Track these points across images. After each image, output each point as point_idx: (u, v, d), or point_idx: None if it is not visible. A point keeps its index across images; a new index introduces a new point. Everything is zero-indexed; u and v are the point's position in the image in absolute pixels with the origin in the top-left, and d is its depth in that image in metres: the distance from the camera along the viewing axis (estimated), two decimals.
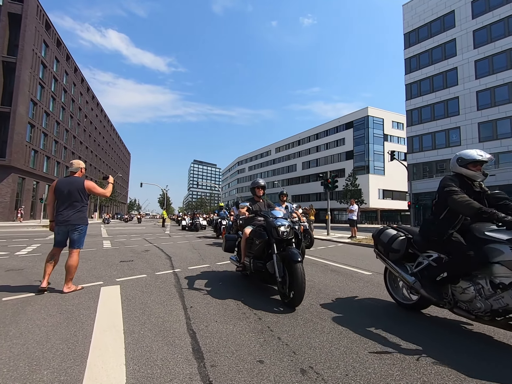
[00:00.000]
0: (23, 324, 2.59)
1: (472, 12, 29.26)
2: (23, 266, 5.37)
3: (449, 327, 2.69)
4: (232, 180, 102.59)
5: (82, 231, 3.78)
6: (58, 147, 39.97)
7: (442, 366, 1.98)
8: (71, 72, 44.21)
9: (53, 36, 37.89)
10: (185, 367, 1.91)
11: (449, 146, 30.11)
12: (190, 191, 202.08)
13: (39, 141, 34.05)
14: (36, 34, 32.51)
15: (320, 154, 60.49)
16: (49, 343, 2.23)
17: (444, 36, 31.51)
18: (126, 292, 3.68)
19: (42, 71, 34.80)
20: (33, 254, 7.03)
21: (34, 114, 32.76)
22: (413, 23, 34.71)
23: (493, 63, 27.39)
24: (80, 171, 3.95)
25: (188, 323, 2.67)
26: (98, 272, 4.96)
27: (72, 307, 3.06)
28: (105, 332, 2.43)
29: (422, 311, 3.12)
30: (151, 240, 11.31)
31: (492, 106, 27.14)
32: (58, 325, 2.57)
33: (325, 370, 1.91)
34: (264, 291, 3.83)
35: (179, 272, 5.06)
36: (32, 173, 32.82)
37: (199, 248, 8.73)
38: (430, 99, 32.13)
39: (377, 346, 2.25)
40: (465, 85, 29.14)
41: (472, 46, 28.97)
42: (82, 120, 49.07)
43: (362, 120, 51.67)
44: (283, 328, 2.58)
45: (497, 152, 26.30)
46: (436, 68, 31.89)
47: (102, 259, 6.30)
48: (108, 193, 4.08)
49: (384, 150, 50.44)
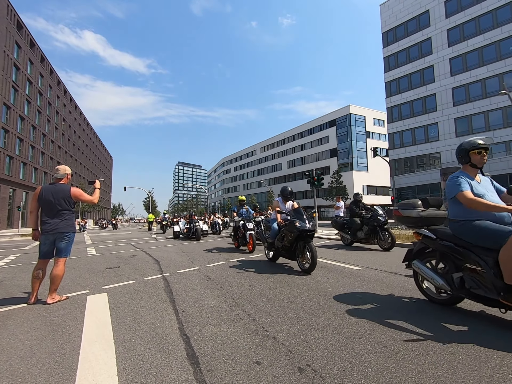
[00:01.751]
0: (5, 339, 2.45)
1: (445, 12, 30.36)
2: (2, 278, 5.11)
3: (440, 319, 2.76)
4: (218, 181, 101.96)
5: (70, 239, 3.63)
6: (35, 153, 38.40)
7: (435, 356, 2.03)
8: (46, 75, 42.58)
9: (26, 37, 36.36)
10: (181, 374, 1.86)
11: (428, 141, 31.13)
12: (176, 193, 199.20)
13: (14, 146, 32.60)
14: (7, 35, 31.10)
15: (305, 153, 61.11)
16: (34, 357, 2.12)
17: (420, 35, 32.53)
18: (114, 300, 3.56)
19: (15, 73, 33.35)
20: (12, 265, 6.70)
21: (7, 118, 31.34)
22: (390, 22, 35.63)
23: (466, 60, 28.54)
24: (66, 177, 3.78)
25: (181, 328, 2.61)
26: (83, 280, 4.78)
27: (57, 319, 2.93)
28: (94, 343, 2.34)
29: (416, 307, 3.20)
30: (137, 245, 11.05)
31: (467, 102, 28.26)
32: (43, 339, 2.45)
33: (322, 367, 1.90)
34: (256, 292, 3.80)
35: (168, 276, 4.95)
36: (7, 180, 31.38)
37: (187, 251, 8.60)
38: (409, 96, 33.10)
39: (371, 340, 2.28)
40: (441, 82, 30.21)
41: (447, 44, 30.06)
42: (60, 124, 47.36)
43: (345, 118, 52.60)
44: (277, 328, 2.57)
45: None
46: (414, 66, 32.88)
47: (87, 267, 6.09)
48: (96, 200, 3.92)
49: (367, 147, 51.57)
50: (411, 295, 3.47)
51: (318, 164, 55.96)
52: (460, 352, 2.06)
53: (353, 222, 8.45)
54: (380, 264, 5.58)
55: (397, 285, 3.99)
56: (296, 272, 5.05)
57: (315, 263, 4.75)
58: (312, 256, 4.76)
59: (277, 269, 5.40)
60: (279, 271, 5.15)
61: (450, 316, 2.77)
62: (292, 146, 64.76)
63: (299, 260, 5.15)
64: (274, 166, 69.91)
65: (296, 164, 63.16)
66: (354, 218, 8.51)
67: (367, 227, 8.11)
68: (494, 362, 1.92)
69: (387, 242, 7.74)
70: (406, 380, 1.74)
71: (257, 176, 75.12)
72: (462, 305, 3.07)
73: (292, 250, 5.33)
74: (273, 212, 6.18)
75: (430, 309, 2.99)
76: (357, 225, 8.34)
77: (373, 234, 8.06)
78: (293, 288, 3.93)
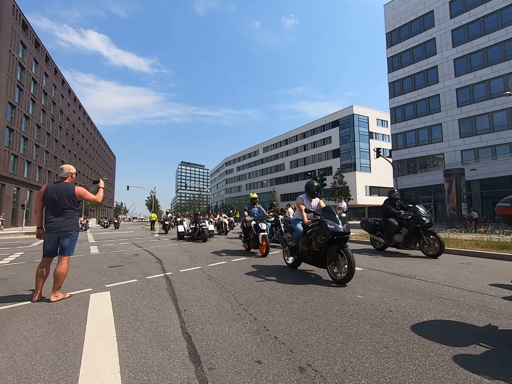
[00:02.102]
0: (9, 336, 2.49)
1: (450, 12, 30.17)
2: (6, 276, 5.16)
3: (439, 320, 2.76)
4: (221, 181, 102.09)
5: (74, 237, 3.67)
6: (40, 152, 38.68)
7: (436, 357, 2.03)
8: (51, 74, 42.87)
9: (31, 37, 36.63)
10: (182, 372, 1.87)
11: (431, 142, 30.94)
12: (178, 193, 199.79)
13: (19, 145, 32.86)
14: (12, 35, 31.37)
15: (308, 153, 61.05)
16: (38, 354, 2.14)
17: (424, 36, 32.36)
18: (116, 298, 3.59)
19: (20, 73, 33.61)
20: (17, 262, 6.77)
21: (12, 117, 31.60)
22: (394, 22, 35.48)
23: (471, 61, 28.35)
24: (71, 176, 3.81)
25: (183, 326, 2.63)
26: (86, 278, 4.82)
27: (60, 316, 2.96)
28: (97, 341, 2.36)
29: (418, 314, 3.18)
30: (140, 244, 11.10)
31: (471, 103, 28.06)
32: (46, 336, 2.48)
33: (323, 367, 1.91)
34: (257, 291, 3.82)
35: (170, 275, 4.98)
36: (12, 179, 31.64)
37: (189, 250, 8.63)
38: (413, 97, 32.93)
39: (372, 341, 2.28)
40: (445, 82, 30.02)
41: (451, 45, 29.86)
42: (64, 123, 47.67)
43: (348, 118, 52.47)
44: (279, 327, 2.58)
45: (477, 147, 27.28)
46: (417, 66, 32.71)
47: (89, 265, 6.14)
48: (100, 199, 3.95)
49: (369, 148, 51.41)
50: None
51: (320, 165, 55.86)
52: (461, 354, 2.06)
53: (389, 223, 7.31)
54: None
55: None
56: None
57: (353, 272, 4.01)
58: (349, 264, 4.01)
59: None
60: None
61: (455, 320, 2.76)
62: (295, 146, 64.72)
63: (331, 268, 4.40)
64: (277, 166, 69.90)
65: (298, 165, 63.11)
66: (389, 219, 7.40)
67: (407, 229, 7.04)
68: (495, 364, 1.92)
69: (433, 247, 6.65)
70: (407, 380, 1.75)
71: (260, 176, 75.13)
72: (472, 316, 3.06)
73: (321, 256, 4.53)
74: (294, 211, 5.45)
75: (429, 312, 2.99)
76: (394, 227, 7.22)
77: (414, 238, 6.98)
78: (294, 289, 3.94)
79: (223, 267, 5.67)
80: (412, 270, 5.14)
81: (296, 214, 5.35)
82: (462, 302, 3.25)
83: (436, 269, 5.24)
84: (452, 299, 3.36)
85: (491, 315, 2.82)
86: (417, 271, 4.99)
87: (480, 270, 5.13)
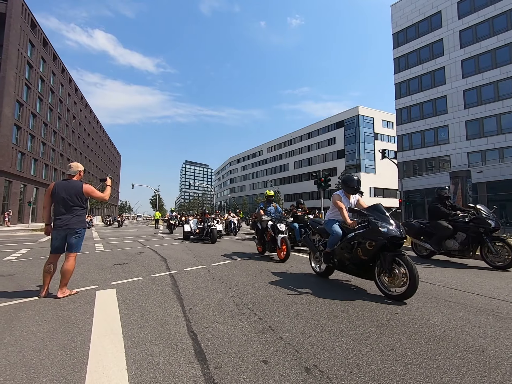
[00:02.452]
0: (18, 331, 2.52)
1: (458, 13, 29.87)
2: (14, 272, 5.23)
3: (446, 323, 2.73)
4: (225, 181, 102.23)
5: (81, 235, 3.71)
6: (46, 149, 39.08)
7: (443, 360, 2.01)
8: (58, 73, 43.30)
9: (39, 36, 37.03)
10: (189, 370, 1.88)
11: (438, 144, 30.68)
12: (182, 192, 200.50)
13: (26, 143, 33.24)
14: (21, 34, 31.73)
15: (312, 153, 60.85)
16: (46, 349, 2.17)
17: (431, 36, 32.08)
18: (122, 296, 3.62)
19: (28, 71, 33.98)
20: (23, 259, 6.85)
21: (20, 115, 31.97)
22: (401, 23, 35.22)
23: (479, 62, 28.04)
24: (79, 174, 3.85)
25: (188, 325, 2.64)
26: (92, 275, 4.86)
27: (67, 312, 2.99)
28: (104, 337, 2.38)
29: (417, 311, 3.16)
30: (144, 242, 11.17)
31: (478, 105, 27.76)
32: (54, 331, 2.51)
33: (329, 368, 1.91)
34: (262, 291, 3.81)
35: (175, 274, 5.00)
36: (19, 176, 32.01)
37: (193, 249, 8.66)
38: (419, 98, 32.67)
39: (378, 343, 2.27)
40: (453, 84, 29.74)
41: (459, 46, 29.57)
42: (71, 121, 48.12)
43: (353, 119, 52.19)
44: (284, 328, 2.58)
45: (484, 150, 26.98)
46: (424, 67, 32.45)
47: (95, 263, 6.19)
48: (107, 197, 3.98)
49: (374, 149, 51.08)
50: None
51: (325, 165, 55.63)
52: (469, 358, 2.04)
53: (440, 226, 6.29)
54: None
55: None
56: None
57: (416, 286, 3.24)
58: (412, 275, 3.23)
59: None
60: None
61: (462, 324, 2.74)
62: (299, 146, 64.55)
63: (382, 280, 3.62)
64: (281, 167, 69.79)
65: (303, 165, 62.94)
66: (440, 221, 6.38)
67: (465, 234, 6.01)
68: (504, 369, 1.89)
69: (502, 257, 5.51)
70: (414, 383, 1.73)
71: (264, 176, 75.09)
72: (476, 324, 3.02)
73: (368, 266, 3.79)
74: (328, 210, 4.67)
75: (434, 315, 2.96)
76: (446, 231, 6.19)
77: (473, 245, 5.97)
78: (299, 290, 3.93)
79: (228, 266, 5.68)
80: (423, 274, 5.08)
81: (331, 213, 4.55)
82: (469, 305, 3.21)
83: (442, 271, 5.18)
84: (458, 302, 3.33)
85: (499, 319, 2.79)
86: (422, 274, 4.94)
87: (487, 273, 5.07)
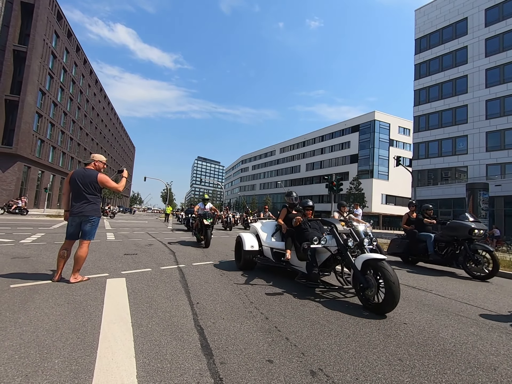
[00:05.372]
0: (32, 312, 2.61)
1: (485, 20, 28.99)
2: (29, 254, 5.40)
3: (457, 338, 2.67)
4: (235, 179, 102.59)
5: (95, 223, 3.79)
6: (65, 138, 40.17)
7: (453, 375, 1.96)
8: (80, 64, 44.37)
9: (64, 27, 38.03)
10: (195, 363, 1.90)
11: (455, 154, 29.90)
12: (193, 187, 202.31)
13: (46, 131, 34.25)
14: (47, 25, 32.66)
15: (325, 156, 60.35)
16: (58, 332, 2.24)
17: (455, 43, 31.25)
18: (132, 285, 3.69)
19: (52, 61, 34.97)
20: (38, 242, 7.06)
21: (42, 104, 32.94)
22: (425, 29, 34.45)
23: (504, 72, 27.13)
24: (94, 163, 3.94)
25: (196, 319, 2.67)
26: (103, 264, 4.97)
27: (79, 298, 3.07)
28: (113, 324, 2.43)
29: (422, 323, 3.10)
30: (154, 234, 11.33)
31: (501, 116, 26.88)
32: (66, 315, 2.58)
33: (334, 373, 1.89)
34: (269, 291, 3.82)
35: (183, 267, 5.06)
36: (37, 162, 33.02)
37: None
38: (439, 106, 31.90)
39: (385, 352, 2.24)
40: (475, 93, 28.89)
41: (484, 54, 28.70)
42: (89, 112, 49.25)
43: (369, 124, 51.45)
44: (290, 329, 2.57)
45: (504, 162, 26.12)
46: (446, 75, 31.65)
47: (106, 251, 6.33)
48: (121, 188, 4.05)
49: (389, 155, 50.23)
50: None
51: (337, 169, 55.09)
52: (479, 375, 1.98)
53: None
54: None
55: None
56: None
57: None
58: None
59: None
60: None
61: (473, 340, 2.67)
62: (312, 149, 64.11)
63: None
64: (292, 168, 69.51)
65: (314, 168, 62.51)
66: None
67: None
68: None
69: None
70: None
71: (274, 176, 74.96)
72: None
73: None
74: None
75: (444, 328, 2.89)
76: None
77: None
78: (306, 292, 3.91)
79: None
80: (428, 284, 4.98)
81: None
82: (481, 321, 3.12)
83: (453, 285, 5.06)
84: (470, 317, 3.24)
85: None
86: (433, 286, 4.84)
87: (501, 290, 4.91)
